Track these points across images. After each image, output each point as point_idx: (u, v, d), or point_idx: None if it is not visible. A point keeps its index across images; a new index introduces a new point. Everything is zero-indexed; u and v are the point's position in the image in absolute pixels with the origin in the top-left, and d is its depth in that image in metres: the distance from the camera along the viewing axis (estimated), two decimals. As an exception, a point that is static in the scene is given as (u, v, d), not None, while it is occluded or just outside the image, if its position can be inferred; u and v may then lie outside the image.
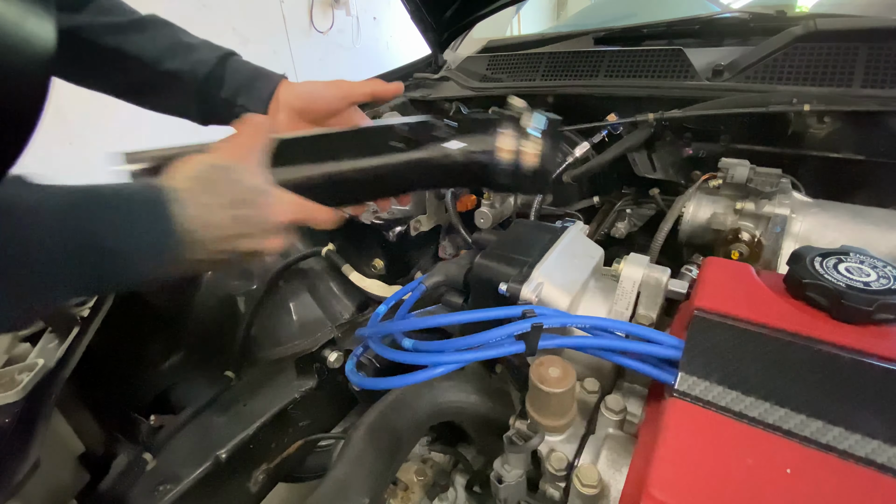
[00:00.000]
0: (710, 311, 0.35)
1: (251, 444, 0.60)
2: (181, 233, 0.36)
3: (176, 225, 0.35)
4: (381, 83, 0.57)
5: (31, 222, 0.29)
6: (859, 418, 0.27)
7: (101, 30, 0.54)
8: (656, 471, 0.27)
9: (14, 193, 0.29)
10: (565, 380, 0.38)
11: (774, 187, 0.54)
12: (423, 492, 0.65)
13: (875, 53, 0.70)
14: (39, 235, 0.29)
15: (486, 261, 0.47)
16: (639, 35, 1.08)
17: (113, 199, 0.34)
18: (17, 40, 0.19)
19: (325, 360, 0.69)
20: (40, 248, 0.29)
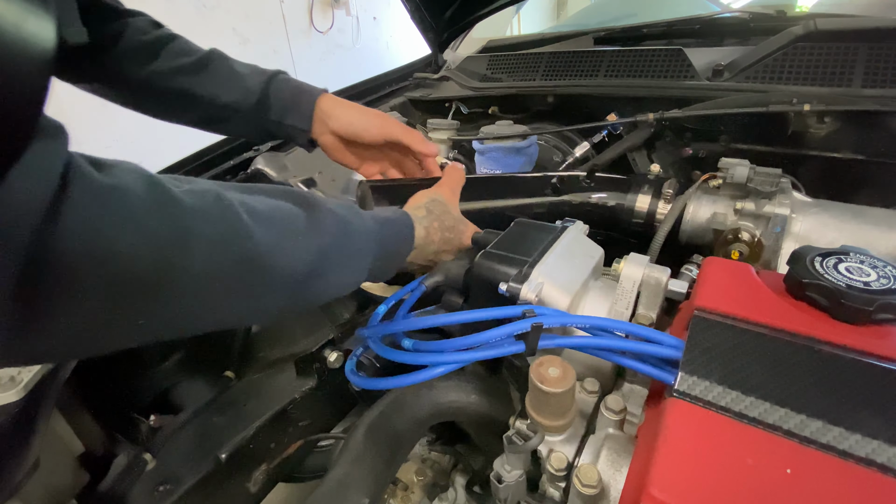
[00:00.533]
0: (711, 311, 0.35)
1: (251, 444, 0.60)
2: (415, 245, 0.51)
3: (415, 240, 0.51)
4: (422, 139, 0.68)
5: (366, 227, 0.44)
6: (859, 418, 0.27)
7: (172, 73, 0.63)
8: (656, 471, 0.27)
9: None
10: (565, 380, 0.38)
11: (774, 187, 0.54)
12: (423, 492, 0.65)
13: (875, 53, 0.70)
14: (367, 221, 0.45)
15: (486, 260, 0.47)
16: (639, 35, 1.08)
17: (394, 221, 0.49)
18: (17, 40, 0.19)
19: (325, 360, 0.69)
20: (367, 227, 0.44)
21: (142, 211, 0.28)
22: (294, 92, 0.66)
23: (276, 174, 1.05)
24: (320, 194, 0.43)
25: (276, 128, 0.66)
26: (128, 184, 0.28)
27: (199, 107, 0.65)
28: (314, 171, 1.04)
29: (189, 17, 2.76)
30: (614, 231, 0.65)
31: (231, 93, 0.64)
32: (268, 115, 0.65)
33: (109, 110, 0.71)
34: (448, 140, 0.97)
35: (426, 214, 0.54)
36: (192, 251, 0.30)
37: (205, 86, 0.64)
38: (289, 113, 0.65)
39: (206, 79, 0.64)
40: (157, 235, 0.28)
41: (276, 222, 0.36)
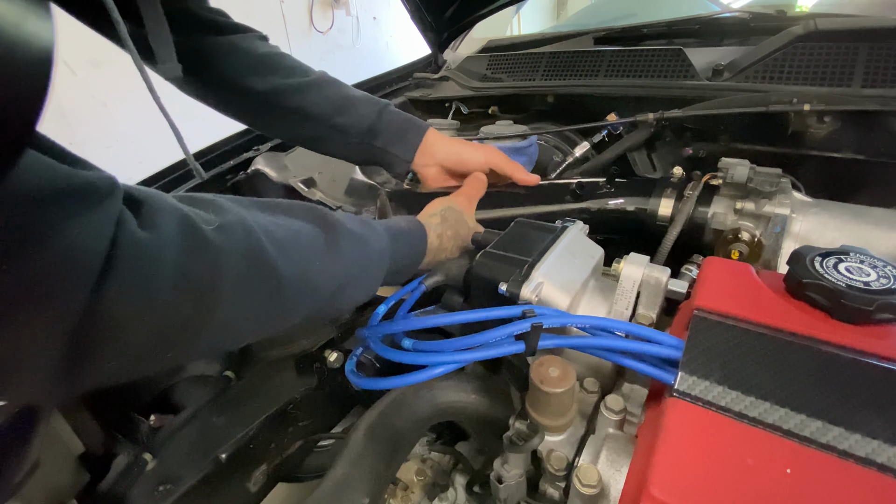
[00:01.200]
0: (711, 311, 0.35)
1: (251, 444, 0.60)
2: (427, 253, 0.53)
3: (427, 247, 0.53)
4: (523, 170, 0.70)
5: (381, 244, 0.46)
6: (859, 418, 0.27)
7: (288, 91, 0.67)
8: (656, 471, 0.27)
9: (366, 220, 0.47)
10: (565, 380, 0.38)
11: (774, 187, 0.54)
12: (423, 492, 0.65)
13: (875, 53, 0.70)
14: (383, 239, 0.47)
15: (486, 260, 0.47)
16: (639, 35, 1.08)
17: (407, 233, 0.51)
18: (17, 40, 0.19)
19: (325, 360, 0.69)
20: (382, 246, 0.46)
21: (180, 262, 0.30)
22: (403, 125, 0.71)
23: (276, 174, 1.05)
24: (339, 213, 0.45)
25: (379, 154, 0.71)
26: (165, 233, 0.29)
27: (308, 126, 0.69)
28: (314, 171, 1.04)
29: (189, 17, 2.76)
30: (637, 236, 0.65)
31: (344, 116, 0.68)
32: (374, 141, 0.69)
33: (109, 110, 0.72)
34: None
35: (440, 222, 0.55)
36: (223, 292, 0.32)
37: (319, 105, 0.68)
38: (396, 143, 0.70)
39: (320, 100, 0.68)
40: (193, 281, 0.30)
41: (299, 251, 0.38)
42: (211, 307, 0.32)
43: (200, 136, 1.05)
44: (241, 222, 0.35)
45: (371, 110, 0.69)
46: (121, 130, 2.53)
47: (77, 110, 2.54)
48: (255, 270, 0.34)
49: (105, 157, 2.69)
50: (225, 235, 0.33)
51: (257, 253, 0.35)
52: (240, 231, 0.34)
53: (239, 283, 0.33)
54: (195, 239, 0.31)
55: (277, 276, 0.36)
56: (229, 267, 0.32)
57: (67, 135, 2.45)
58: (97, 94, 2.56)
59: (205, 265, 0.31)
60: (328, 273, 0.41)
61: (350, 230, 0.44)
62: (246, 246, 0.34)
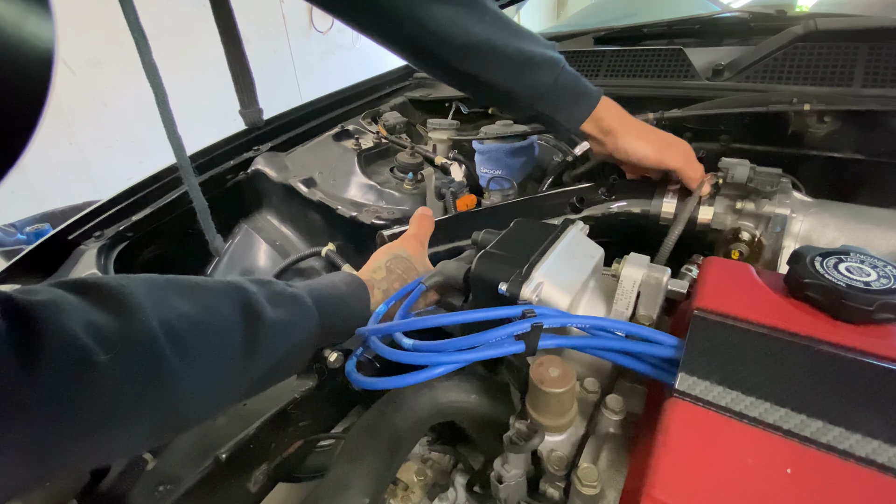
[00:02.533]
0: (711, 311, 0.35)
1: (251, 444, 0.60)
2: (372, 308, 0.52)
3: (371, 305, 0.53)
4: (699, 178, 0.63)
5: (307, 311, 0.46)
6: (859, 418, 0.27)
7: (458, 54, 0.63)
8: (656, 471, 0.27)
9: (289, 287, 0.47)
10: (565, 380, 0.38)
11: (774, 187, 0.54)
12: (423, 492, 0.65)
13: (875, 53, 0.70)
14: (312, 319, 0.46)
15: (485, 260, 0.47)
16: (639, 35, 1.08)
17: (345, 298, 0.51)
18: (17, 40, 0.19)
19: (325, 360, 0.69)
20: (310, 327, 0.46)
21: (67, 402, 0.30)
22: (574, 94, 0.66)
23: (276, 174, 1.05)
24: (263, 292, 0.44)
25: (546, 120, 0.67)
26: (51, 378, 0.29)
27: (480, 90, 0.67)
28: (314, 171, 1.04)
29: (189, 17, 2.76)
30: (638, 238, 0.65)
31: (520, 82, 0.64)
32: (543, 108, 0.66)
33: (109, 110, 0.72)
34: (448, 140, 0.97)
35: (385, 276, 0.56)
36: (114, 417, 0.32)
37: (494, 72, 0.63)
38: (562, 112, 0.66)
39: (496, 64, 0.63)
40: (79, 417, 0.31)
41: (212, 354, 0.37)
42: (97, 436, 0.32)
43: (201, 136, 1.05)
44: (147, 332, 0.34)
45: (547, 76, 0.64)
46: (121, 130, 2.53)
47: (77, 110, 2.54)
48: (154, 391, 0.34)
49: (105, 157, 2.69)
50: (123, 360, 0.32)
51: (158, 371, 0.34)
52: (142, 347, 0.33)
53: (133, 404, 0.33)
54: (86, 378, 0.30)
55: (180, 390, 0.35)
56: (123, 395, 0.32)
57: (67, 135, 2.45)
58: (97, 94, 2.56)
59: (93, 399, 0.31)
60: (243, 373, 0.40)
61: (274, 320, 0.42)
62: (146, 366, 0.33)
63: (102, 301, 0.33)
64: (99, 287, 0.35)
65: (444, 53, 0.63)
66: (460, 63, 0.63)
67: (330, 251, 0.91)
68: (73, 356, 0.30)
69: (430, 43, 0.62)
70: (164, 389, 0.34)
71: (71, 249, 0.89)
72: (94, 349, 0.31)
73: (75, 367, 0.30)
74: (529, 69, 0.63)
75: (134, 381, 0.33)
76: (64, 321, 0.30)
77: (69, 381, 0.30)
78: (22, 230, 2.00)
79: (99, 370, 0.31)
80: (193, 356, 0.36)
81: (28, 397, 0.28)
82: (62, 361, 0.29)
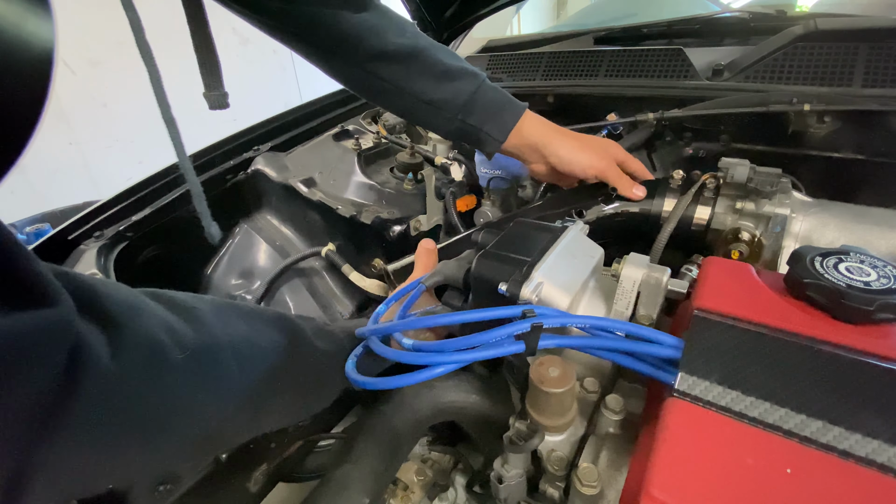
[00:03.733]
0: (710, 311, 0.35)
1: (251, 444, 0.60)
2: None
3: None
4: (631, 186, 0.63)
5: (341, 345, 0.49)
6: (859, 418, 0.27)
7: (382, 62, 0.64)
8: (656, 471, 0.27)
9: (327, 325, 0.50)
10: (565, 380, 0.38)
11: (774, 187, 0.54)
12: (423, 492, 0.65)
13: (875, 53, 0.70)
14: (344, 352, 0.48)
15: (486, 260, 0.47)
16: (639, 35, 1.08)
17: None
18: (17, 40, 0.19)
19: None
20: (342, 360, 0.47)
21: (142, 393, 0.31)
22: (499, 105, 0.67)
23: (276, 174, 1.05)
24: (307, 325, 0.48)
25: (472, 132, 0.68)
26: (134, 363, 0.31)
27: (404, 99, 0.67)
28: (314, 171, 1.04)
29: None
30: (640, 238, 0.64)
31: (440, 92, 0.65)
32: (468, 118, 0.67)
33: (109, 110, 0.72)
34: (448, 140, 0.97)
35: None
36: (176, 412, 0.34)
37: (415, 80, 0.65)
38: (488, 123, 0.67)
39: (417, 73, 0.65)
40: (150, 410, 0.32)
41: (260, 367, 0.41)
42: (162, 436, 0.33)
43: (200, 136, 1.05)
44: (215, 341, 0.37)
45: (468, 85, 0.66)
46: (121, 130, 2.53)
47: (77, 110, 2.54)
48: (215, 397, 0.36)
49: (105, 157, 2.69)
50: (195, 361, 0.34)
51: (220, 377, 0.37)
52: (211, 354, 0.36)
53: (198, 406, 0.35)
54: (161, 369, 0.32)
55: (236, 399, 0.38)
56: (192, 395, 0.34)
57: (67, 135, 2.45)
58: (97, 94, 2.56)
59: (165, 393, 0.32)
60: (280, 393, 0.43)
61: (315, 349, 0.46)
62: (213, 371, 0.36)
63: (176, 309, 0.36)
64: (172, 297, 0.38)
65: (363, 61, 0.64)
66: (380, 71, 0.64)
67: (330, 251, 0.91)
68: (152, 348, 0.32)
69: (349, 50, 0.64)
70: (223, 397, 0.37)
71: (71, 249, 0.89)
72: (171, 347, 0.33)
73: (154, 358, 0.32)
74: (450, 79, 0.65)
75: (203, 383, 0.35)
76: (144, 317, 0.33)
77: (147, 371, 0.31)
78: (22, 230, 2.00)
79: (174, 367, 0.33)
80: (248, 368, 0.39)
81: (113, 382, 0.29)
82: (142, 351, 0.31)
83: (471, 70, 0.67)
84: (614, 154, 0.66)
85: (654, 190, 0.64)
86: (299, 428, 0.67)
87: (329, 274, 0.97)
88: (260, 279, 1.03)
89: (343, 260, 0.89)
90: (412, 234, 0.87)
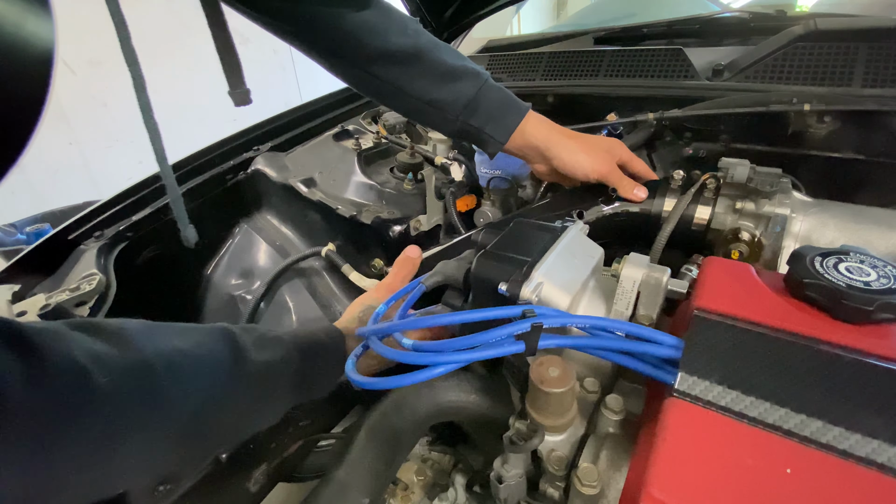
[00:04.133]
0: (710, 311, 0.35)
1: (251, 444, 0.60)
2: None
3: (346, 355, 0.51)
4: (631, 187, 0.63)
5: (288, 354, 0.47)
6: (859, 418, 0.27)
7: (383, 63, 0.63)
8: (656, 471, 0.27)
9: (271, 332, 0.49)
10: (565, 380, 0.38)
11: (774, 187, 0.54)
12: (423, 492, 0.65)
13: (875, 53, 0.70)
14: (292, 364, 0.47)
15: (485, 260, 0.47)
16: (639, 35, 1.08)
17: (326, 346, 0.53)
18: (17, 40, 0.19)
19: (325, 361, 0.69)
20: (289, 371, 0.47)
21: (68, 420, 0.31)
22: (502, 106, 0.66)
23: (275, 174, 1.05)
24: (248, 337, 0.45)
25: (474, 132, 0.67)
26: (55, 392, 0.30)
27: (406, 100, 0.66)
28: (314, 171, 1.04)
29: (189, 17, 2.76)
30: (640, 238, 0.64)
31: (443, 92, 0.65)
32: (470, 119, 0.66)
33: (109, 110, 0.71)
34: (448, 140, 0.97)
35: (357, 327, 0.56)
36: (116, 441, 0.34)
37: (417, 81, 0.64)
38: (490, 124, 0.66)
39: (419, 74, 0.64)
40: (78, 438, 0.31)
41: (201, 383, 0.39)
42: (98, 458, 0.33)
43: (200, 136, 1.05)
44: (143, 360, 0.36)
45: (471, 85, 0.65)
46: (121, 130, 2.53)
47: (77, 110, 2.54)
48: (151, 415, 0.35)
49: (105, 157, 2.69)
50: (121, 383, 0.33)
51: (154, 395, 0.36)
52: (140, 373, 0.35)
53: (133, 427, 0.34)
54: (86, 398, 0.31)
55: (176, 416, 0.37)
56: (122, 417, 0.33)
57: (67, 135, 2.45)
58: (97, 94, 2.56)
59: (94, 419, 0.32)
60: (226, 409, 0.41)
61: (256, 361, 0.44)
62: (144, 390, 0.35)
63: (101, 335, 0.35)
64: (98, 324, 0.37)
65: (364, 61, 0.64)
66: (382, 71, 0.64)
67: (330, 251, 0.91)
68: (74, 375, 0.31)
69: (350, 50, 0.63)
70: (161, 415, 0.36)
71: (71, 249, 0.89)
72: (95, 372, 0.32)
73: (76, 385, 0.31)
74: (452, 79, 0.64)
75: (132, 405, 0.34)
76: (66, 346, 0.32)
77: (70, 399, 0.31)
78: (22, 230, 2.00)
79: (99, 391, 0.32)
80: (186, 385, 0.38)
81: (32, 411, 0.28)
82: (64, 379, 0.31)
83: (473, 69, 0.66)
84: (618, 154, 0.66)
85: (654, 190, 0.64)
86: (299, 428, 0.67)
87: (329, 274, 0.97)
88: (260, 279, 1.03)
89: (343, 260, 0.89)
90: (412, 234, 0.87)
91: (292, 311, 0.95)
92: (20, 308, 0.70)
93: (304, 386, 0.50)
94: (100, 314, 0.73)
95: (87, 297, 0.74)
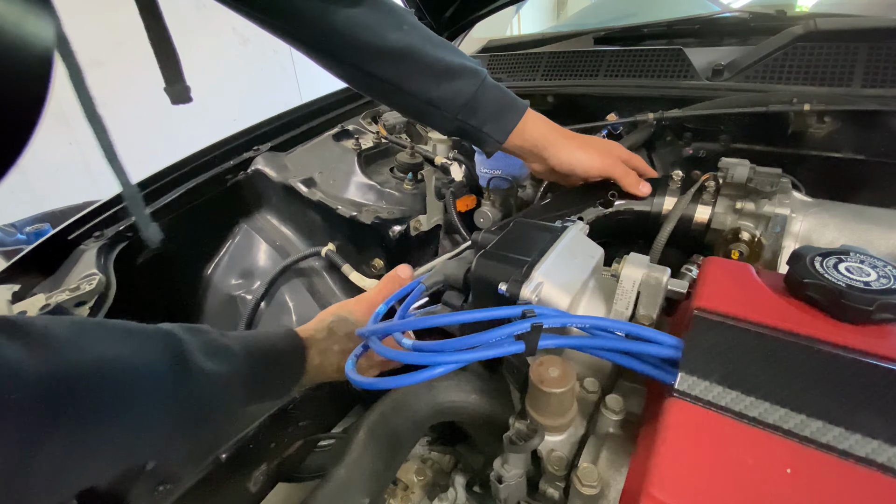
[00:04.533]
0: (710, 311, 0.35)
1: (251, 444, 0.60)
2: (309, 370, 0.52)
3: (307, 366, 0.52)
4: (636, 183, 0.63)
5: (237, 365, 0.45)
6: (859, 418, 0.27)
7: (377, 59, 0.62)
8: (656, 471, 0.27)
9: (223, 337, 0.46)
10: (565, 380, 0.38)
11: (774, 187, 0.54)
12: (423, 492, 0.65)
13: (875, 53, 0.70)
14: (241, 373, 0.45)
15: (485, 261, 0.47)
16: (639, 35, 1.08)
17: (279, 355, 0.51)
18: (17, 40, 0.19)
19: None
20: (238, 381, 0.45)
21: None
22: (500, 105, 0.66)
23: (275, 174, 1.05)
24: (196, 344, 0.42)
25: (472, 132, 0.67)
26: None
27: (402, 97, 0.66)
28: (314, 171, 1.04)
29: (189, 17, 2.76)
30: (640, 237, 0.64)
31: (441, 90, 0.64)
32: (469, 119, 0.65)
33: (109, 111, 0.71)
34: (448, 140, 0.97)
35: (327, 336, 0.54)
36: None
37: (414, 78, 0.63)
38: (489, 123, 0.66)
39: (416, 71, 0.63)
40: None
41: (132, 405, 0.36)
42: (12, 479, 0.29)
43: (200, 136, 1.05)
44: (64, 371, 0.32)
45: (469, 84, 0.64)
46: (121, 130, 2.53)
47: (77, 110, 2.53)
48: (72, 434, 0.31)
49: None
50: (39, 399, 0.30)
51: (79, 407, 0.32)
52: (59, 386, 0.31)
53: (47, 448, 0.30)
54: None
55: (100, 431, 0.33)
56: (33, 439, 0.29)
57: (67, 135, 2.45)
58: (97, 94, 2.55)
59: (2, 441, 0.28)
60: (170, 421, 0.38)
61: (203, 370, 0.40)
62: (66, 403, 0.31)
63: (19, 336, 0.31)
64: (20, 325, 0.32)
65: (359, 59, 0.63)
66: (378, 69, 0.63)
67: (330, 251, 0.91)
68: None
69: (344, 47, 0.62)
70: (85, 431, 0.32)
71: (71, 249, 0.89)
72: (5, 387, 0.28)
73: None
74: (450, 78, 0.63)
75: (55, 421, 0.30)
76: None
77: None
78: (22, 230, 2.00)
79: (9, 410, 0.28)
80: (116, 397, 0.34)
81: None
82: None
83: (471, 67, 0.65)
84: (618, 154, 0.66)
85: (653, 189, 0.64)
86: (299, 428, 0.67)
87: (329, 274, 0.97)
88: (260, 279, 1.03)
89: (343, 260, 0.89)
90: (412, 234, 0.87)
91: (292, 311, 0.95)
92: (20, 308, 0.70)
93: (256, 393, 0.48)
94: (100, 314, 0.73)
95: (86, 297, 0.74)
